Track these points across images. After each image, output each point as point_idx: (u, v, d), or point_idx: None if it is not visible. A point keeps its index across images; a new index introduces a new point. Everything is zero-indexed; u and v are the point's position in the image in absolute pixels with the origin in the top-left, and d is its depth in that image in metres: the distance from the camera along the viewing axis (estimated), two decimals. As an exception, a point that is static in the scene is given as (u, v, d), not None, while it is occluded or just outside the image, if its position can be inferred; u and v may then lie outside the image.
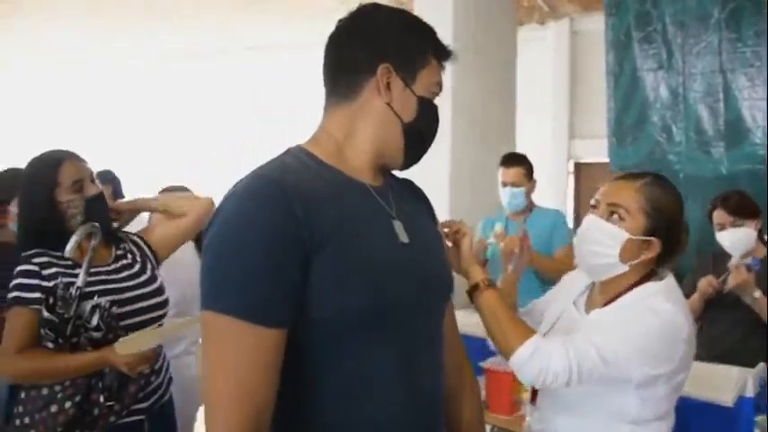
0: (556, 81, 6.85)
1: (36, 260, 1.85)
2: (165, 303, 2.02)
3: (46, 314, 1.71)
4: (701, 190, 3.98)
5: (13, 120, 8.78)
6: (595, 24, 6.84)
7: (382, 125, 1.19)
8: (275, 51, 7.47)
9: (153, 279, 2.02)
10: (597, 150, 7.12)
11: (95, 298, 1.78)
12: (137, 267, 1.99)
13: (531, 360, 1.50)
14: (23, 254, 1.88)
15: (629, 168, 4.30)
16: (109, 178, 4.60)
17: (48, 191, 1.87)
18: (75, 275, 1.82)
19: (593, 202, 1.67)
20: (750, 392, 2.19)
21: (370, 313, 1.06)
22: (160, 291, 2.02)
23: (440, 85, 1.24)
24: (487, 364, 2.36)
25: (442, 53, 1.23)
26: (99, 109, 8.44)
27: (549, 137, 6.88)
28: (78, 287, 1.76)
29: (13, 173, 2.63)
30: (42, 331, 1.75)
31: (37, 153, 1.96)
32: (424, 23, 1.24)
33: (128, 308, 1.87)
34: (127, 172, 4.87)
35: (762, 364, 2.46)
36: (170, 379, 2.09)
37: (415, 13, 4.42)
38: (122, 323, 1.83)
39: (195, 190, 3.14)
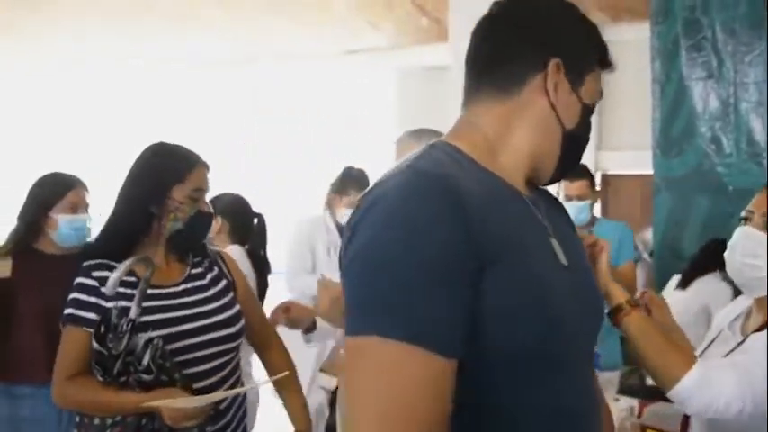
0: (583, 91, 6.71)
1: (96, 273, 1.65)
2: (237, 335, 1.76)
3: (95, 345, 1.52)
4: (753, 203, 3.83)
5: (13, 122, 8.65)
6: (625, 35, 6.72)
7: (542, 129, 1.05)
8: (282, 59, 7.37)
9: (228, 306, 1.77)
10: (625, 162, 6.98)
11: (150, 330, 1.56)
12: (210, 292, 1.76)
13: (700, 389, 1.36)
14: (85, 263, 1.68)
15: (674, 181, 4.15)
16: None
17: (168, 183, 1.69)
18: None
19: (744, 214, 1.55)
20: None
21: (541, 346, 0.91)
22: (233, 320, 1.77)
23: (601, 94, 1.10)
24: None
25: (606, 61, 1.10)
26: (97, 112, 8.33)
27: (576, 148, 6.73)
28: (131, 319, 1.54)
29: (54, 178, 2.50)
30: (91, 362, 1.57)
31: (166, 141, 1.79)
32: (593, 23, 1.10)
33: (189, 341, 1.65)
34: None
35: None
36: (244, 414, 1.85)
37: (451, 17, 4.32)
38: (182, 357, 1.61)
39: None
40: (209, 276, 1.79)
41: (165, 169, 1.70)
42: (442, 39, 6.79)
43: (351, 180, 3.57)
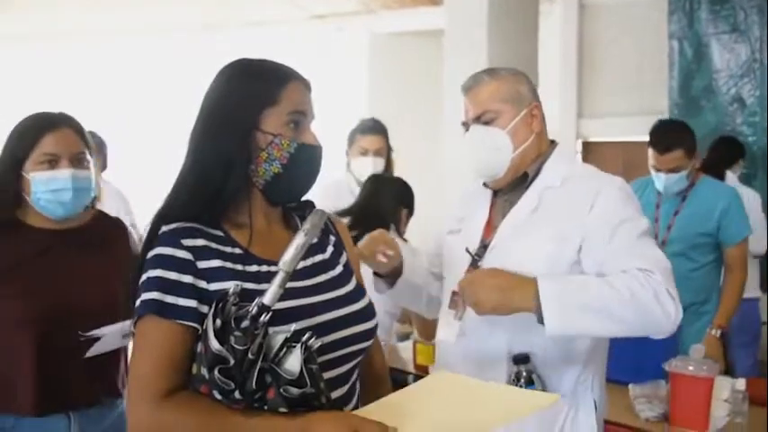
0: (563, 58, 6.51)
1: (188, 242, 1.14)
2: (372, 332, 1.28)
3: (215, 346, 1.01)
4: (780, 164, 3.68)
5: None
6: (604, -1, 6.57)
7: None
8: (248, 26, 6.92)
9: (359, 292, 1.30)
10: (606, 130, 6.82)
11: (292, 326, 1.06)
12: (337, 271, 1.29)
13: None
14: (166, 228, 1.16)
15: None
16: (96, 142, 3.68)
17: (255, 110, 1.18)
18: (249, 275, 1.15)
19: None
20: None
21: None
22: (369, 312, 1.28)
23: None
24: (673, 367, 1.95)
25: None
26: (57, 85, 7.72)
27: (556, 115, 6.54)
28: (266, 306, 1.03)
29: (26, 121, 1.79)
30: (201, 371, 1.04)
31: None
32: None
33: (328, 338, 1.16)
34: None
35: None
36: None
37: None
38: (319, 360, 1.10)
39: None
40: (329, 249, 1.31)
41: (246, 91, 1.20)
42: (418, 3, 6.48)
43: (358, 126, 3.11)
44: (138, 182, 5.11)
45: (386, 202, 2.50)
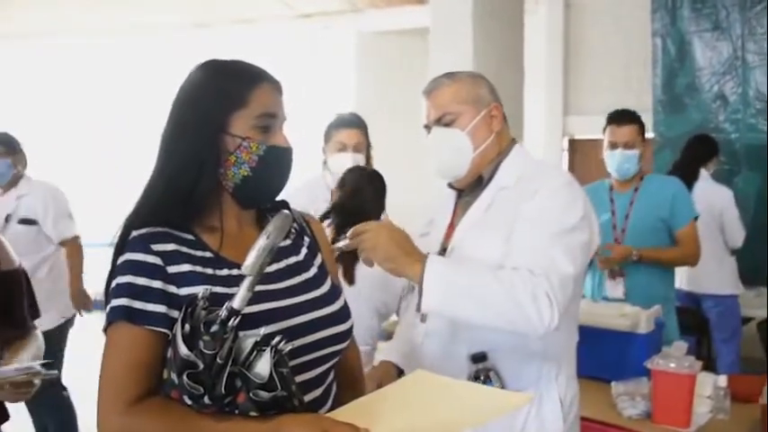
0: (549, 56, 6.53)
1: (158, 247, 1.13)
2: (347, 334, 1.27)
3: (183, 351, 1.00)
4: (762, 160, 3.71)
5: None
6: (589, -4, 6.60)
7: None
8: (234, 24, 6.90)
9: (334, 294, 1.28)
10: (592, 127, 6.83)
11: (262, 329, 1.04)
12: (311, 273, 1.27)
13: None
14: (136, 233, 1.14)
15: (676, 140, 3.98)
16: (9, 144, 3.41)
17: (223, 113, 1.16)
18: (219, 279, 1.13)
19: None
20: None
21: None
22: (344, 314, 1.27)
23: None
24: (655, 365, 1.96)
25: None
26: (42, 87, 7.66)
27: (543, 113, 6.57)
28: (235, 310, 1.01)
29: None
30: (171, 377, 1.03)
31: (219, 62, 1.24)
32: None
33: (300, 341, 1.15)
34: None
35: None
36: None
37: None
38: (291, 364, 1.09)
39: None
40: (303, 251, 1.29)
41: (215, 93, 1.17)
42: (404, 1, 6.48)
43: (335, 120, 2.92)
44: (135, 181, 5.14)
45: (370, 199, 2.45)
